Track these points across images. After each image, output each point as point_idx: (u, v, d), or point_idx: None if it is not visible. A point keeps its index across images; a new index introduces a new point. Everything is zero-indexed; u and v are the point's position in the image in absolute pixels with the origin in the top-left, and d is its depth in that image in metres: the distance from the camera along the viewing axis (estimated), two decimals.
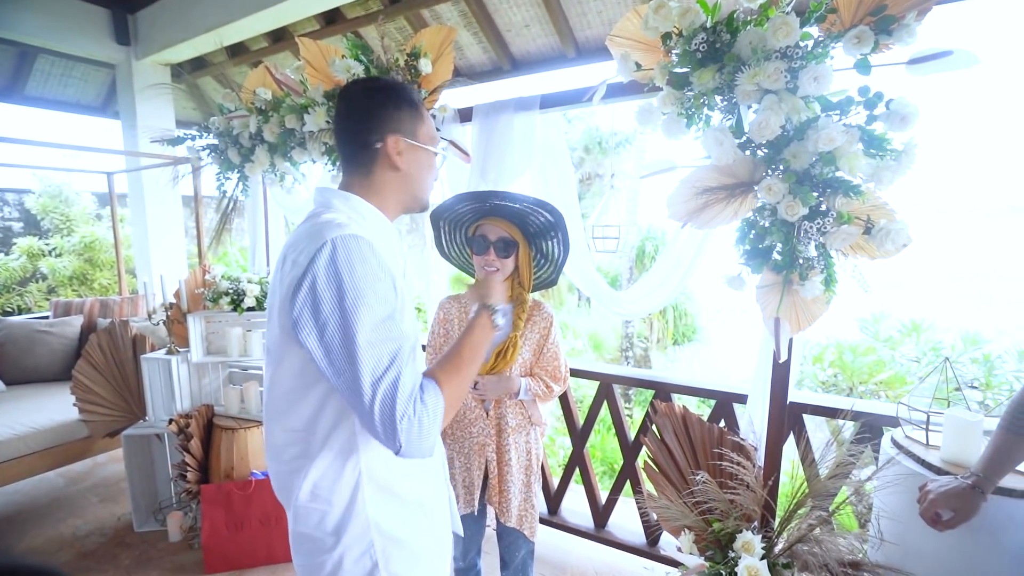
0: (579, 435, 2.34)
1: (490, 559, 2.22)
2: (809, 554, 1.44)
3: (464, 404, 1.64)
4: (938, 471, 1.27)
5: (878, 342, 6.31)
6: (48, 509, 2.92)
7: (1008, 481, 1.18)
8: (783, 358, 1.34)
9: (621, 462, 2.27)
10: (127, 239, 5.76)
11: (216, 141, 2.49)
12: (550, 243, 1.60)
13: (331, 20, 3.66)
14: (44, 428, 2.69)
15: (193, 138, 2.48)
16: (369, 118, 0.95)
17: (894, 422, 1.52)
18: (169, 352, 2.59)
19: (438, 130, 1.91)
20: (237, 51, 4.17)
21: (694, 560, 1.54)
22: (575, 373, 2.34)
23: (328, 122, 1.96)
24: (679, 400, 1.98)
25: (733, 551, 1.50)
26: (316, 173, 2.51)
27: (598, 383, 2.26)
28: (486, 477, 1.66)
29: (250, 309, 2.56)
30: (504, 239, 1.54)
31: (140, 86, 4.01)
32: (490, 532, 1.85)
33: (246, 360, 2.58)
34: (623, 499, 2.40)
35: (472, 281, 1.72)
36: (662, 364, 12.07)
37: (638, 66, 1.45)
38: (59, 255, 6.28)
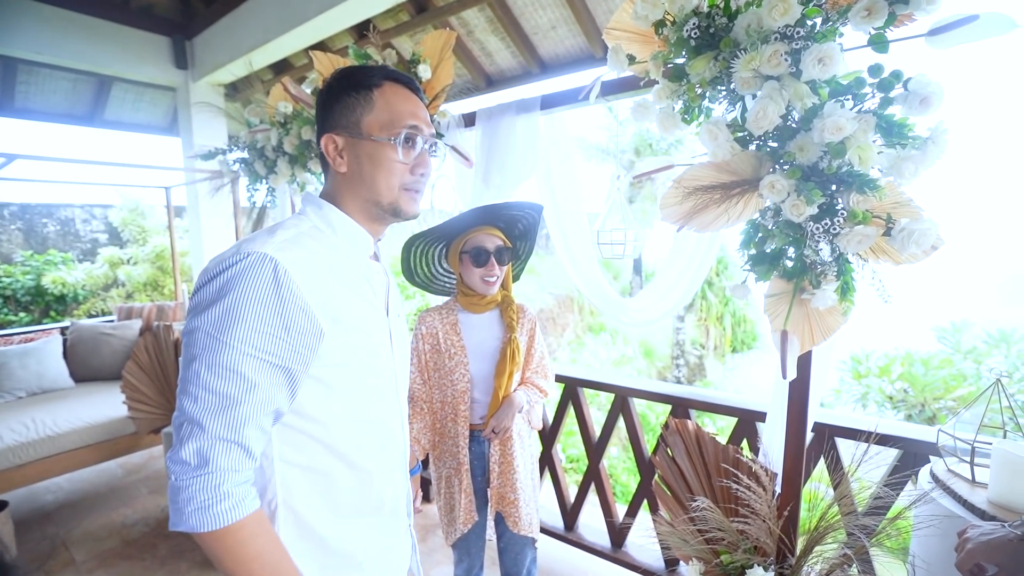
0: (595, 449, 2.23)
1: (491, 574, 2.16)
2: None
3: (451, 422, 1.59)
4: (982, 514, 1.09)
5: (958, 354, 5.67)
6: (105, 497, 3.15)
7: None
8: (790, 376, 1.19)
9: (639, 479, 2.14)
10: (186, 251, 6.18)
11: (246, 155, 2.60)
12: (525, 243, 1.62)
13: (364, 33, 3.77)
14: (98, 423, 2.91)
15: (224, 152, 2.60)
16: (320, 116, 0.87)
17: (935, 450, 1.32)
18: None
19: (441, 136, 1.89)
20: (283, 68, 4.38)
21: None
22: (592, 385, 2.24)
23: None
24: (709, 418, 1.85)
25: None
26: None
27: (614, 395, 2.14)
28: (486, 487, 1.62)
29: None
30: (500, 247, 1.52)
31: (196, 106, 4.30)
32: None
33: None
34: (644, 517, 2.26)
35: (440, 300, 1.68)
36: (719, 373, 11.50)
37: (632, 59, 1.36)
38: (135, 264, 6.86)
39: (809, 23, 1.10)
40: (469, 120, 1.92)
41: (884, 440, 1.48)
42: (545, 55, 3.42)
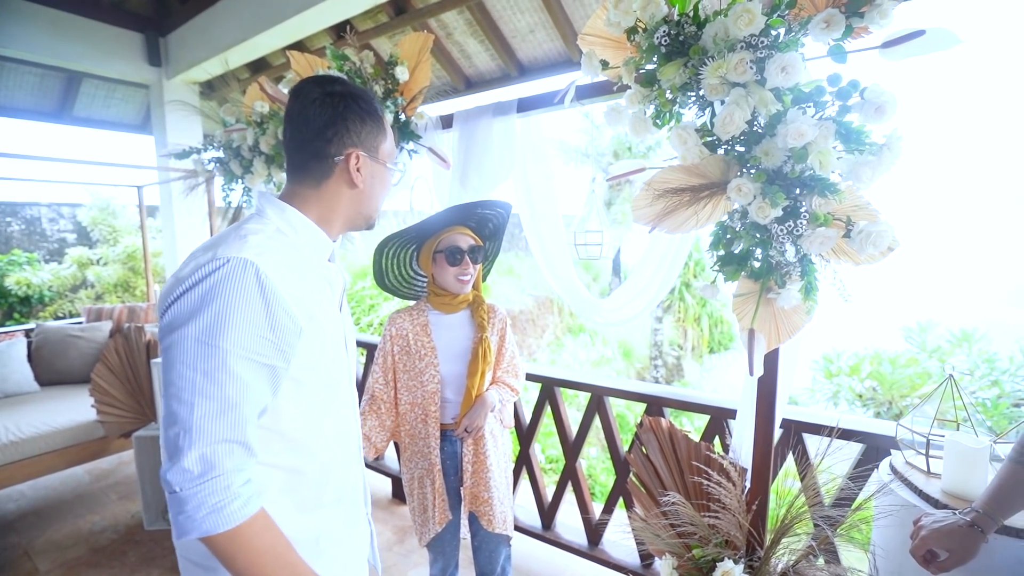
0: (571, 448, 2.25)
1: (466, 574, 2.16)
2: None
3: (421, 422, 1.60)
4: (935, 503, 1.14)
5: (924, 353, 5.87)
6: (71, 504, 3.06)
7: (1018, 520, 1.04)
8: (757, 373, 1.23)
9: (614, 478, 2.17)
10: (159, 251, 6.04)
11: (222, 154, 2.56)
12: (494, 244, 1.66)
13: (342, 34, 3.74)
14: (64, 428, 2.83)
15: (199, 151, 2.56)
16: (330, 127, 0.87)
17: (895, 444, 1.38)
18: None
19: (419, 137, 1.90)
20: (260, 67, 4.32)
21: None
22: (568, 384, 2.27)
23: None
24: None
25: None
26: None
27: (590, 395, 2.17)
28: (459, 486, 1.62)
29: None
30: (474, 246, 1.54)
31: (169, 104, 4.21)
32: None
33: None
34: (620, 515, 2.29)
35: (410, 304, 1.69)
36: (696, 374, 11.68)
37: (605, 64, 1.39)
38: (105, 264, 6.68)
39: (773, 33, 1.14)
40: (447, 122, 1.93)
41: (847, 435, 1.54)
42: (524, 58, 3.45)
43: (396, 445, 2.58)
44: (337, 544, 0.95)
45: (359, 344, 3.06)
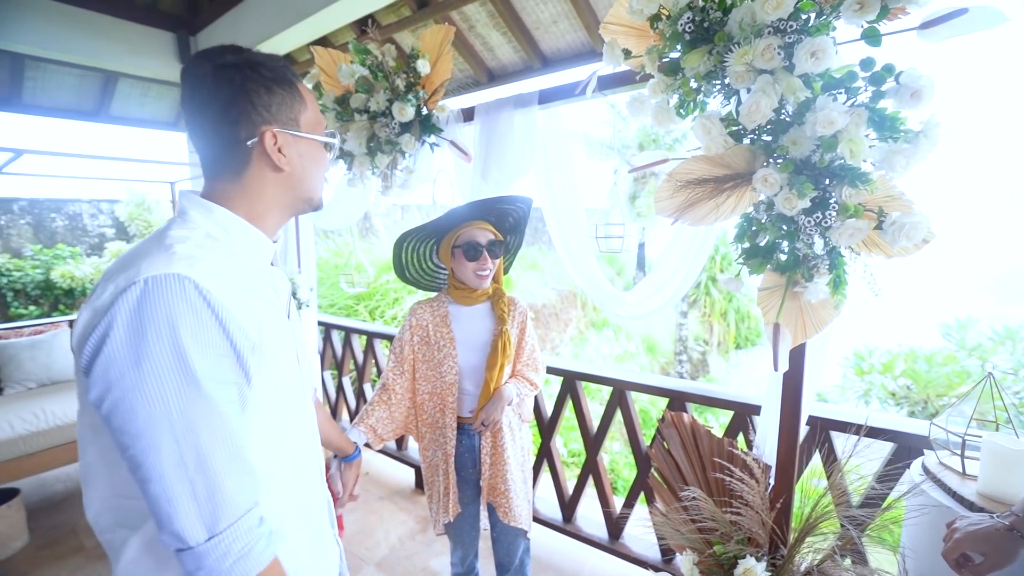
0: (593, 442, 2.25)
1: (486, 564, 2.18)
2: None
3: (439, 412, 1.61)
4: (970, 506, 1.10)
5: (963, 350, 5.64)
6: None
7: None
8: (782, 369, 1.20)
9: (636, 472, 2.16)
10: None
11: None
12: (515, 237, 1.64)
13: (365, 28, 3.77)
14: None
15: None
16: (232, 107, 0.74)
17: (928, 444, 1.33)
18: None
19: (441, 131, 1.90)
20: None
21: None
22: (590, 378, 2.26)
23: (339, 126, 2.00)
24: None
25: None
26: (336, 177, 2.58)
27: (611, 389, 2.16)
28: (477, 478, 1.63)
29: None
30: (493, 240, 1.54)
31: None
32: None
33: None
34: (641, 510, 2.28)
35: (430, 295, 1.69)
36: (722, 370, 11.48)
37: (628, 53, 1.36)
38: None
39: (803, 17, 1.10)
40: (468, 115, 1.93)
41: (876, 433, 1.49)
42: (547, 50, 3.41)
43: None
44: (307, 571, 0.87)
45: (383, 337, 3.11)
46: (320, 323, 3.24)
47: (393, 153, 1.87)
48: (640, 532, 2.27)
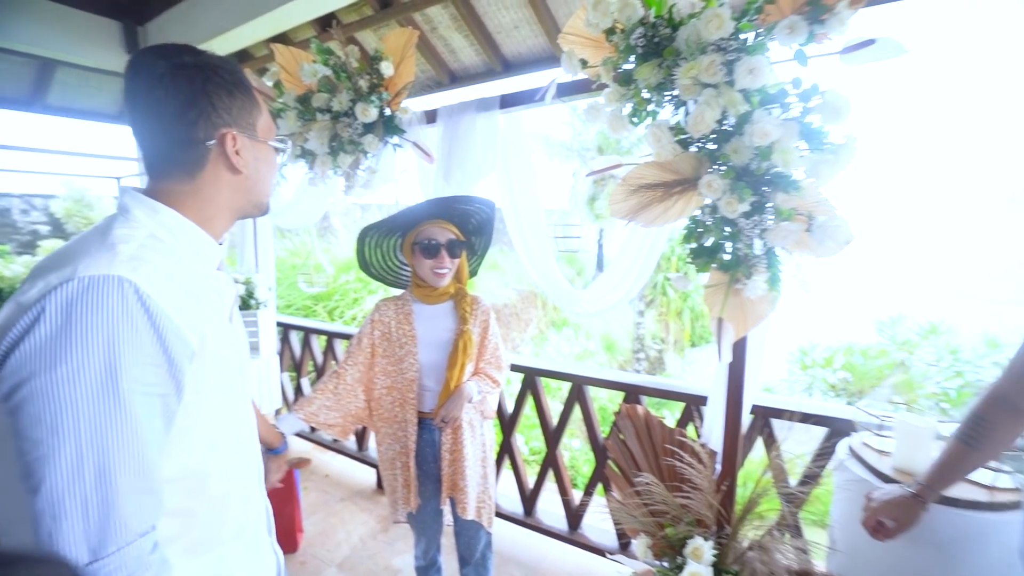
0: (552, 436, 2.32)
1: (450, 558, 2.22)
2: (759, 561, 1.40)
3: (399, 407, 1.64)
4: (885, 478, 1.22)
5: (893, 345, 6.09)
6: None
7: (959, 492, 1.13)
8: (726, 360, 1.31)
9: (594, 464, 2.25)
10: None
11: None
12: (481, 239, 1.68)
13: (327, 26, 3.73)
14: None
15: None
16: (191, 107, 0.73)
17: (854, 427, 1.47)
18: None
19: (404, 132, 1.93)
20: (242, 59, 4.28)
21: (642, 566, 1.51)
22: (549, 374, 2.33)
23: (301, 125, 2.00)
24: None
25: (683, 557, 1.47)
26: (296, 176, 2.56)
27: (571, 384, 2.24)
28: (439, 473, 1.66)
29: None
30: (452, 240, 1.57)
31: None
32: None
33: None
34: (599, 502, 2.37)
35: (397, 292, 1.72)
36: (678, 367, 11.87)
37: (585, 63, 1.44)
38: None
39: (742, 37, 1.20)
40: (431, 117, 1.97)
41: (814, 420, 1.62)
42: (508, 54, 3.47)
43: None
44: None
45: (343, 336, 3.09)
46: (278, 323, 3.19)
47: (356, 153, 1.88)
48: (598, 522, 2.37)
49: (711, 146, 1.27)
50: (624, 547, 2.15)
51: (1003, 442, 1.01)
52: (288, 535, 2.41)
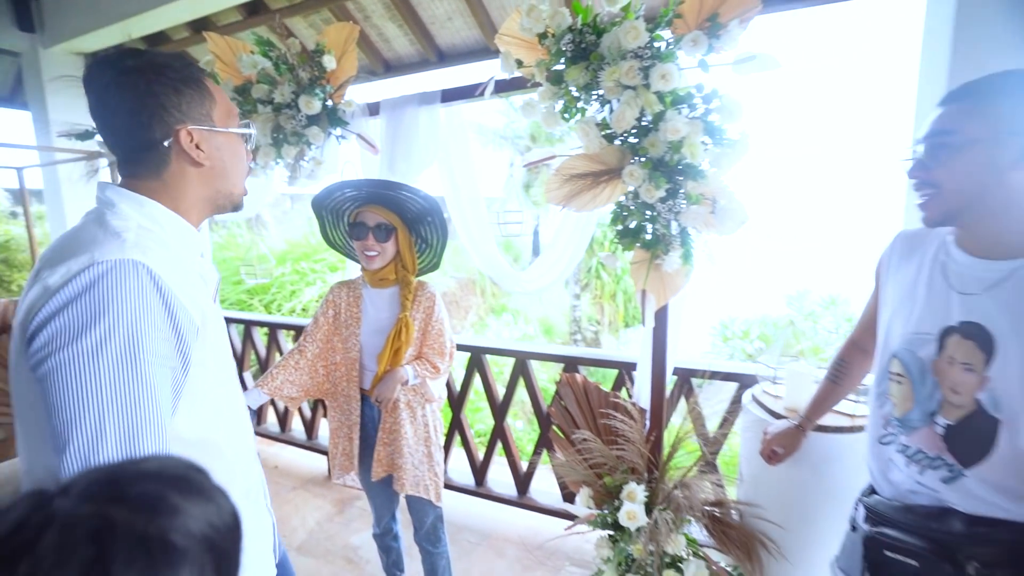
0: (499, 410, 2.49)
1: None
2: (682, 497, 1.64)
3: (345, 382, 1.75)
4: (777, 416, 1.48)
5: (801, 316, 6.82)
6: None
7: (829, 420, 1.40)
8: (650, 325, 1.51)
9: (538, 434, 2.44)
10: (47, 237, 5.50)
11: None
12: (427, 228, 1.72)
13: (255, 10, 3.62)
14: None
15: None
16: (142, 111, 0.77)
17: (757, 379, 1.73)
18: None
19: (347, 124, 1.98)
20: (157, 40, 4.04)
21: (586, 511, 1.71)
22: (494, 352, 2.49)
23: (240, 116, 2.00)
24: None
25: (620, 500, 1.68)
26: None
27: (514, 360, 2.41)
28: (375, 448, 1.74)
29: None
30: (382, 224, 1.63)
31: (49, 76, 3.85)
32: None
33: None
34: (545, 467, 2.57)
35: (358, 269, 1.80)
36: (613, 346, 12.46)
37: (520, 63, 1.58)
38: None
39: (656, 45, 1.39)
40: (373, 109, 2.03)
41: (721, 375, 1.88)
42: (443, 44, 3.54)
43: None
44: (249, 542, 0.90)
45: (287, 327, 3.09)
46: None
47: (300, 144, 1.92)
48: (544, 487, 2.57)
49: (632, 140, 1.46)
50: (568, 502, 2.36)
51: (857, 377, 1.27)
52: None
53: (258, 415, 3.33)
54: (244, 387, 3.33)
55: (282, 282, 4.85)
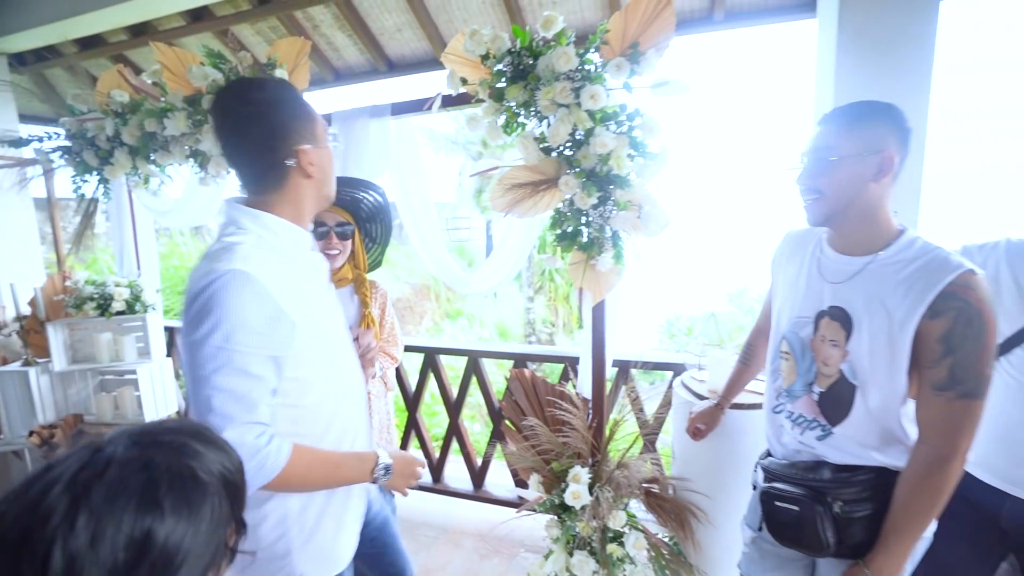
0: (454, 407, 2.59)
1: None
2: (622, 476, 1.80)
3: None
4: (701, 398, 1.67)
5: (741, 311, 7.27)
6: None
7: (743, 399, 1.60)
8: (588, 320, 1.67)
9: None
10: None
11: (69, 143, 2.41)
12: (377, 226, 1.81)
13: (199, 16, 3.58)
14: None
15: (41, 140, 2.39)
16: (272, 138, 0.94)
17: (686, 366, 1.92)
18: (26, 364, 2.48)
19: None
20: (92, 42, 3.91)
21: (535, 494, 1.85)
22: (446, 352, 2.59)
23: (192, 126, 2.03)
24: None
25: (566, 483, 1.82)
26: (186, 174, 2.52)
27: (467, 359, 2.52)
28: None
29: (120, 313, 2.52)
30: (342, 223, 1.70)
31: None
32: None
33: (119, 365, 2.54)
34: (500, 462, 2.69)
35: None
36: (568, 347, 12.77)
37: (464, 81, 1.71)
38: None
39: (587, 68, 1.55)
40: (326, 120, 2.10)
41: (656, 364, 2.06)
42: (392, 55, 3.62)
43: None
44: (349, 498, 1.12)
45: None
46: (166, 328, 3.05)
47: None
48: (499, 480, 2.69)
49: (568, 152, 1.61)
50: (522, 487, 2.49)
51: (763, 359, 1.46)
52: None
53: None
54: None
55: None
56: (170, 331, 3.19)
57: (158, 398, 2.55)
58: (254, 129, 0.94)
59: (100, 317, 2.47)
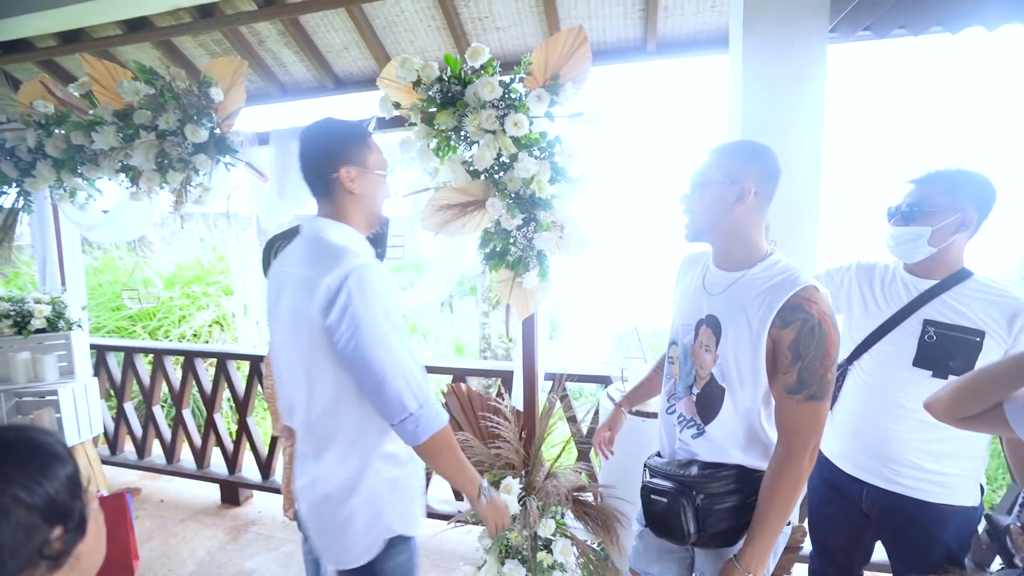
0: None
1: None
2: (551, 485, 1.87)
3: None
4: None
5: None
6: None
7: (652, 407, 1.70)
8: (513, 335, 1.75)
9: None
10: None
11: None
12: None
13: (137, 26, 3.50)
14: None
15: None
16: (324, 154, 1.15)
17: (612, 379, 2.02)
18: None
19: (236, 152, 2.06)
20: (18, 47, 3.75)
21: (466, 506, 1.89)
22: None
23: (122, 140, 2.00)
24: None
25: None
26: (115, 190, 2.46)
27: None
28: None
29: (40, 331, 2.41)
30: None
31: None
32: None
33: (37, 386, 2.43)
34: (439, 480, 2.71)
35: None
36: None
37: (398, 105, 1.77)
38: None
39: (512, 97, 1.65)
40: (263, 139, 2.11)
41: (587, 378, 2.16)
42: (340, 72, 3.65)
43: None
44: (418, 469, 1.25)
45: (174, 353, 2.99)
46: (92, 346, 2.93)
47: (187, 171, 1.96)
48: (439, 494, 2.71)
49: (495, 176, 1.70)
50: (460, 500, 2.52)
51: None
52: (122, 565, 2.32)
53: (142, 448, 3.15)
54: (124, 418, 3.14)
55: (170, 307, 4.55)
56: (98, 349, 3.06)
57: (81, 420, 2.44)
58: (314, 147, 1.16)
59: (17, 336, 2.36)
